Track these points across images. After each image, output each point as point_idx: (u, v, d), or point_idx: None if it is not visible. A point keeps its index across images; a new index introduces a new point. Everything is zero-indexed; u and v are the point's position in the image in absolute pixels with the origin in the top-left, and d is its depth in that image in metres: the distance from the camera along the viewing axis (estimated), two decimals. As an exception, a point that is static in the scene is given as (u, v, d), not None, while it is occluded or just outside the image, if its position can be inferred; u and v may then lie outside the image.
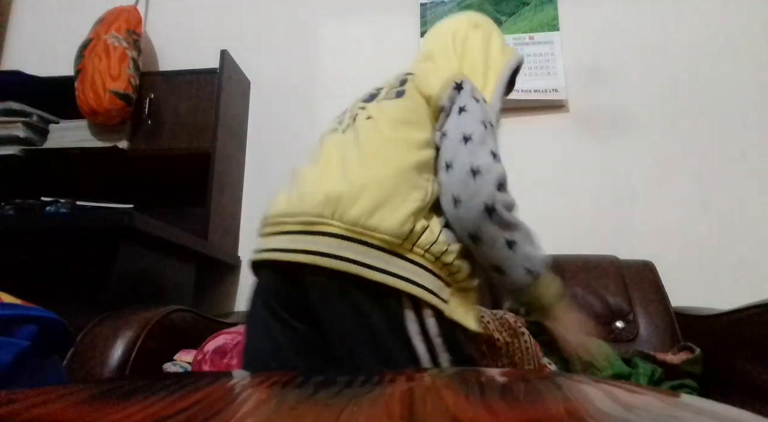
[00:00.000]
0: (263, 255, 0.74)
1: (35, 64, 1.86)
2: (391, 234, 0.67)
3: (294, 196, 0.76)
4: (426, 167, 0.75)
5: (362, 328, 0.67)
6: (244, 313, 0.84)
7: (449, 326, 0.69)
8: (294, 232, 0.71)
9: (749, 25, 1.73)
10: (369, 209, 0.68)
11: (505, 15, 1.87)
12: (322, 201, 0.70)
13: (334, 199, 0.70)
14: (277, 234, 0.74)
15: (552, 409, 0.28)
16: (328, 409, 0.29)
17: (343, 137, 0.83)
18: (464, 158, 0.72)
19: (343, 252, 0.67)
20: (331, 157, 0.79)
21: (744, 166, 1.61)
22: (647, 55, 1.75)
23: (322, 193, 0.71)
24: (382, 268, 0.67)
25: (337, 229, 0.68)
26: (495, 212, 0.70)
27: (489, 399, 0.31)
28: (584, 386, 0.35)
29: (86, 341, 0.96)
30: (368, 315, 0.67)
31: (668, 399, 0.32)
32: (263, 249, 0.75)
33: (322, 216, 0.70)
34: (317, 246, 0.68)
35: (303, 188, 0.76)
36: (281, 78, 1.92)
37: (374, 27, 1.92)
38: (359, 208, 0.69)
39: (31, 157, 1.65)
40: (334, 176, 0.74)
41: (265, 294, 0.75)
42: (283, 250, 0.71)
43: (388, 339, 0.67)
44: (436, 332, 0.68)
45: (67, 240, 1.23)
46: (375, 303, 0.67)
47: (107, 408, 0.29)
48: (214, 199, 1.60)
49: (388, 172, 0.72)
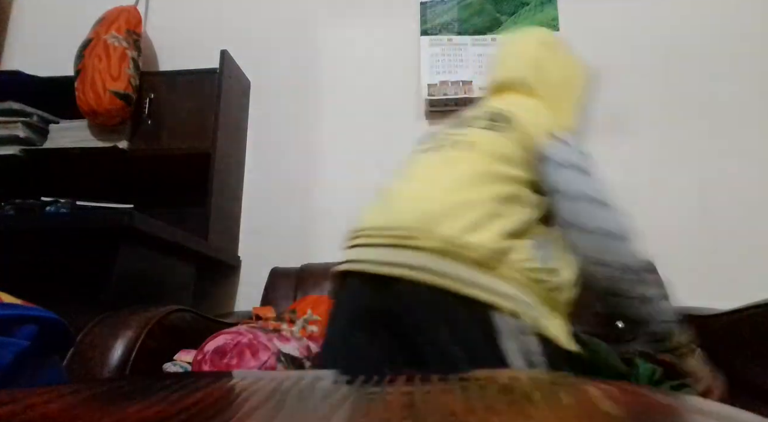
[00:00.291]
0: (355, 266, 0.77)
1: (35, 64, 1.86)
2: (484, 252, 0.70)
3: (387, 211, 0.80)
4: (516, 199, 0.79)
5: (459, 343, 0.68)
6: (244, 313, 0.84)
7: (547, 344, 0.71)
8: (387, 246, 0.74)
9: (750, 25, 1.73)
10: (463, 228, 0.71)
11: (505, 15, 1.87)
12: (418, 217, 0.73)
13: (429, 216, 0.73)
14: (370, 247, 0.77)
15: (552, 409, 0.28)
16: (328, 409, 0.29)
17: (436, 158, 0.86)
18: (599, 222, 0.78)
19: (438, 267, 0.69)
20: (425, 176, 0.83)
21: (744, 166, 1.61)
22: (647, 55, 1.75)
23: (419, 210, 0.75)
24: (477, 283, 0.69)
25: (432, 244, 0.71)
26: (632, 271, 0.77)
27: (489, 400, 0.31)
28: (585, 386, 0.35)
29: (86, 341, 0.96)
30: (465, 329, 0.68)
31: (668, 400, 0.32)
32: (355, 260, 0.77)
33: (417, 231, 0.72)
34: (411, 260, 0.71)
35: (397, 204, 0.80)
36: (281, 78, 1.92)
37: (374, 26, 1.92)
38: (454, 226, 0.71)
39: (31, 157, 1.65)
40: (428, 195, 0.78)
41: (352, 304, 0.77)
42: (376, 263, 0.74)
43: (484, 354, 0.67)
44: (537, 350, 0.69)
45: (67, 240, 1.23)
46: (470, 318, 0.69)
47: (107, 408, 0.29)
48: (214, 199, 1.60)
49: (483, 197, 0.76)
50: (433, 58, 1.82)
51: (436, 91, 1.76)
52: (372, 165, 1.78)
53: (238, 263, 1.75)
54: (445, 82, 1.77)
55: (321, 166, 1.81)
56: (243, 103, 1.88)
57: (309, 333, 1.17)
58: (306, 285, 1.48)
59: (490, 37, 1.85)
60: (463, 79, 1.78)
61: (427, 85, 1.77)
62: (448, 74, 1.79)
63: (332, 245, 1.72)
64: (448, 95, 1.75)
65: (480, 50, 1.84)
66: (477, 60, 1.82)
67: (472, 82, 1.77)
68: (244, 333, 1.02)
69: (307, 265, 1.56)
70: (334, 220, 1.76)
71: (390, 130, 1.81)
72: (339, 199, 1.76)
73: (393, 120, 1.82)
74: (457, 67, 1.81)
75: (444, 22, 1.87)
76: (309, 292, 1.44)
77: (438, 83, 1.77)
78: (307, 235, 1.74)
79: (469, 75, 1.79)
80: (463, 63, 1.81)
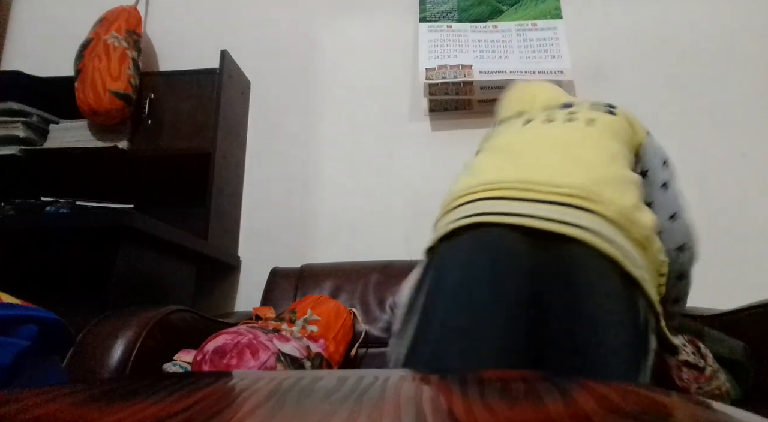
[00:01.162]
0: (504, 219, 0.70)
1: (35, 64, 1.86)
2: (645, 234, 0.71)
3: (525, 167, 0.75)
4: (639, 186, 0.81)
5: (627, 311, 0.66)
6: (244, 313, 0.83)
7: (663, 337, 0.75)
8: (554, 203, 0.70)
9: (750, 25, 1.73)
10: (632, 204, 0.71)
11: (506, 5, 1.86)
12: (586, 180, 0.71)
13: (597, 181, 0.71)
14: (524, 201, 0.71)
15: (552, 409, 0.28)
16: (329, 409, 0.29)
17: (557, 129, 0.85)
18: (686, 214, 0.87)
19: (613, 237, 0.68)
20: (556, 143, 0.81)
21: (744, 167, 1.61)
22: (647, 53, 1.75)
23: (583, 173, 0.72)
24: (639, 264, 0.69)
25: (607, 212, 0.69)
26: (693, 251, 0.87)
27: (489, 399, 0.31)
28: (583, 385, 0.35)
29: (86, 341, 0.96)
30: (636, 302, 0.67)
31: (668, 400, 0.32)
32: (500, 213, 0.71)
33: (591, 193, 0.70)
34: (588, 222, 0.68)
35: (540, 162, 0.76)
36: (281, 78, 1.92)
37: (373, 25, 1.92)
38: (623, 198, 0.71)
39: (31, 157, 1.65)
40: (585, 160, 0.76)
41: (502, 255, 0.69)
42: (542, 218, 0.69)
43: (643, 328, 0.67)
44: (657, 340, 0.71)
45: (67, 240, 1.23)
46: (628, 296, 0.67)
47: (107, 408, 0.29)
48: (214, 199, 1.60)
49: (633, 178, 0.77)
50: (431, 43, 1.77)
51: (434, 75, 1.70)
52: (372, 165, 1.79)
53: (238, 263, 1.75)
54: (444, 66, 1.72)
55: (321, 166, 1.81)
56: (243, 103, 1.88)
57: (309, 333, 1.17)
58: (306, 285, 1.48)
59: (491, 24, 1.82)
60: (462, 63, 1.72)
61: (425, 70, 1.71)
62: (448, 58, 1.74)
63: (332, 245, 1.74)
64: (447, 79, 1.69)
65: (480, 36, 1.79)
66: (477, 45, 1.77)
67: (473, 65, 1.71)
68: (244, 333, 1.02)
69: (307, 265, 1.56)
70: (334, 220, 1.76)
71: (390, 130, 1.81)
72: (339, 199, 1.77)
73: (393, 119, 1.82)
74: (457, 52, 1.76)
75: (443, 10, 1.86)
76: (309, 292, 1.44)
77: (436, 67, 1.71)
78: (307, 235, 1.74)
79: (470, 59, 1.73)
80: (462, 48, 1.76)
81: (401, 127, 1.81)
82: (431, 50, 1.76)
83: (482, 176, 0.77)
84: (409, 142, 1.79)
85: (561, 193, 0.70)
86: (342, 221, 1.75)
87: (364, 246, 1.69)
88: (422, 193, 1.71)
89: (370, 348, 1.36)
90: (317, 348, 1.14)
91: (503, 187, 0.74)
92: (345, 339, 1.28)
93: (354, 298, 1.43)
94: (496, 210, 0.71)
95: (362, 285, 1.45)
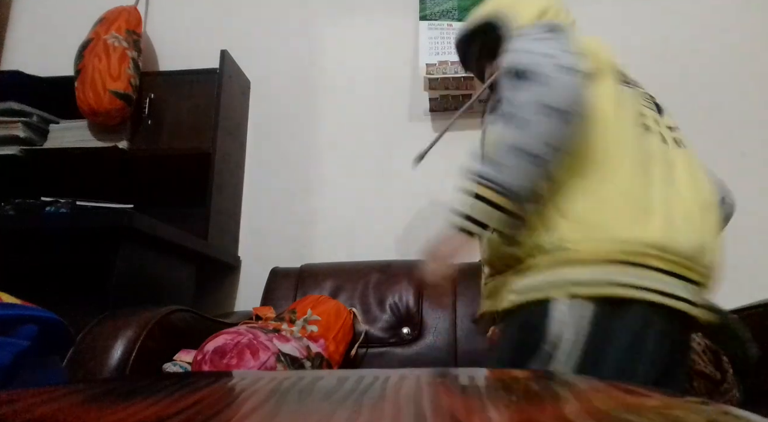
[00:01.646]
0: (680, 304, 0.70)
1: (35, 64, 1.85)
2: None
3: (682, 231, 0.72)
4: None
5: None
6: (244, 313, 0.83)
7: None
8: (695, 282, 0.72)
9: (750, 25, 1.73)
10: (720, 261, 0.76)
11: None
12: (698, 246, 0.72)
13: (709, 248, 0.73)
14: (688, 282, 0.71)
15: (552, 409, 0.28)
16: (329, 409, 0.29)
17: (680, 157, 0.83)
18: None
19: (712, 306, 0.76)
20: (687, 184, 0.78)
21: (744, 166, 1.61)
22: (647, 54, 1.75)
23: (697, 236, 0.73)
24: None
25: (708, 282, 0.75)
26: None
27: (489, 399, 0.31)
28: (583, 386, 0.35)
29: (86, 341, 0.96)
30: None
31: (668, 400, 0.32)
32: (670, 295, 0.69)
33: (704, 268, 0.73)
34: (703, 300, 0.72)
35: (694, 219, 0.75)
36: (281, 78, 1.92)
37: (373, 25, 1.92)
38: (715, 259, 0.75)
39: (31, 157, 1.65)
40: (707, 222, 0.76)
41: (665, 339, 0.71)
42: (698, 305, 0.72)
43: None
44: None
45: (67, 240, 1.23)
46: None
47: (107, 408, 0.29)
48: (214, 199, 1.60)
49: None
50: (431, 40, 1.77)
51: (435, 70, 1.70)
52: (372, 165, 1.78)
53: (238, 263, 1.75)
54: (444, 62, 1.71)
55: (321, 166, 1.81)
56: (243, 103, 1.88)
57: (309, 333, 1.17)
58: (306, 285, 1.48)
59: None
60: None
61: (426, 65, 1.70)
62: (448, 55, 1.72)
63: (332, 245, 1.74)
64: (448, 74, 1.69)
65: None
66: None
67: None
68: (244, 333, 1.02)
69: (307, 265, 1.56)
70: (334, 220, 1.76)
71: (390, 130, 1.81)
72: (339, 200, 1.77)
73: (393, 120, 1.82)
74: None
75: (444, 9, 1.85)
76: (309, 292, 1.44)
77: (437, 63, 1.71)
78: (307, 235, 1.74)
79: None
80: None
81: (401, 127, 1.81)
82: (431, 47, 1.76)
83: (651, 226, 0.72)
84: (409, 142, 1.78)
85: (708, 276, 0.74)
86: (342, 221, 1.75)
87: (364, 247, 1.69)
88: (422, 193, 1.71)
89: (370, 348, 1.36)
90: (317, 348, 1.14)
91: (670, 260, 0.70)
92: (345, 339, 1.28)
93: (354, 298, 1.43)
94: (666, 290, 0.69)
95: (362, 285, 1.45)
